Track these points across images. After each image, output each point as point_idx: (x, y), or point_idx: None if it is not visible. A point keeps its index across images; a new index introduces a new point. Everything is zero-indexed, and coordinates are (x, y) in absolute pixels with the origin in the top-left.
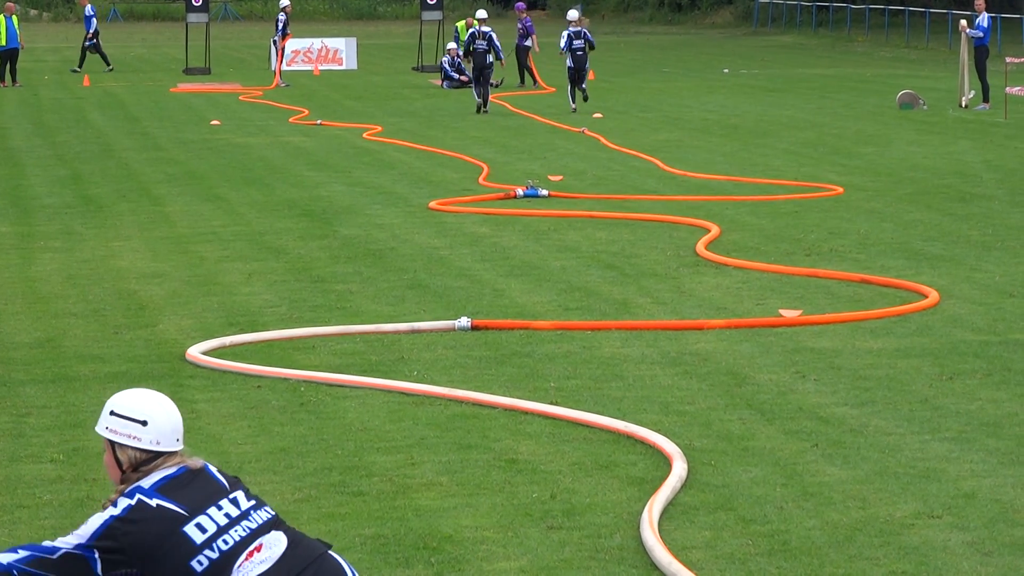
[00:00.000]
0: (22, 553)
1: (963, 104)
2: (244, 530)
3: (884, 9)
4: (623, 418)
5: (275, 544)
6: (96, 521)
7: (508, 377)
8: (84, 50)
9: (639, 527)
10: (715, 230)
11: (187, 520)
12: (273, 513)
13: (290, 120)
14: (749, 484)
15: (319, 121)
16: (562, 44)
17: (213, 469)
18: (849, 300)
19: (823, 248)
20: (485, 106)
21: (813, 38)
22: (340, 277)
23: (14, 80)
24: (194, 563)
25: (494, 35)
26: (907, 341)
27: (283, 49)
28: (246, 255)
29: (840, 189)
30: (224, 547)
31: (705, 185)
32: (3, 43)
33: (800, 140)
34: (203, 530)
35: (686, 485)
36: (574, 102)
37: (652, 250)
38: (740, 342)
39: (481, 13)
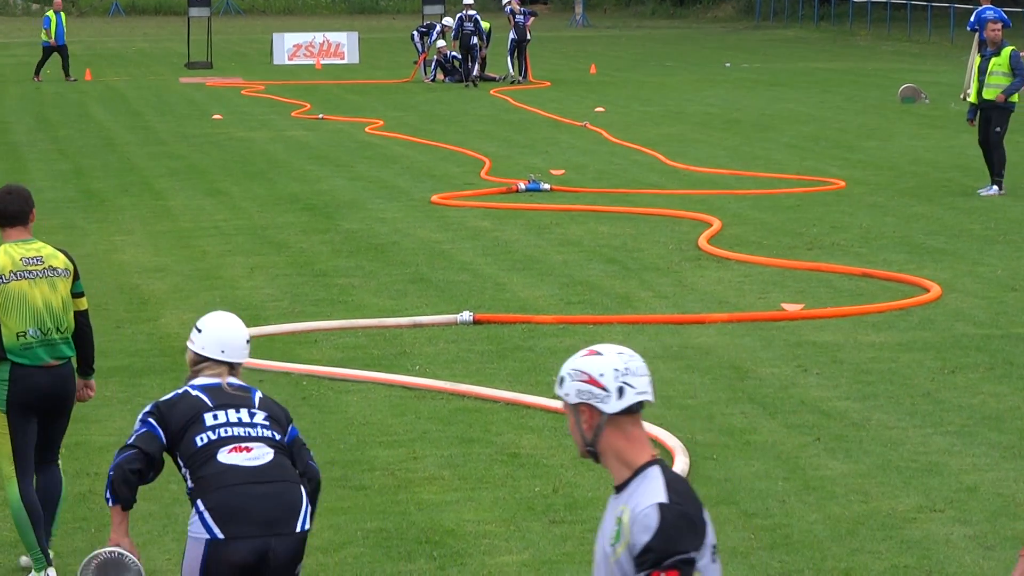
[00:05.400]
0: (117, 457)
1: (965, 97)
2: (244, 432)
3: (886, 3)
4: None
5: (262, 455)
6: (150, 404)
7: (510, 371)
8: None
9: None
10: (717, 224)
11: (209, 409)
12: (277, 438)
13: (292, 114)
14: (751, 478)
15: (321, 115)
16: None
17: (258, 394)
18: (851, 294)
19: (825, 242)
20: (467, 78)
21: (815, 32)
22: (342, 271)
23: (67, 75)
24: (197, 439)
25: (479, 19)
26: (909, 335)
27: (434, 50)
28: (248, 249)
29: (842, 183)
30: (223, 434)
31: (707, 179)
32: (52, 39)
33: (802, 134)
34: (215, 418)
35: (688, 479)
36: (512, 71)
37: (654, 244)
38: (742, 336)
39: None
